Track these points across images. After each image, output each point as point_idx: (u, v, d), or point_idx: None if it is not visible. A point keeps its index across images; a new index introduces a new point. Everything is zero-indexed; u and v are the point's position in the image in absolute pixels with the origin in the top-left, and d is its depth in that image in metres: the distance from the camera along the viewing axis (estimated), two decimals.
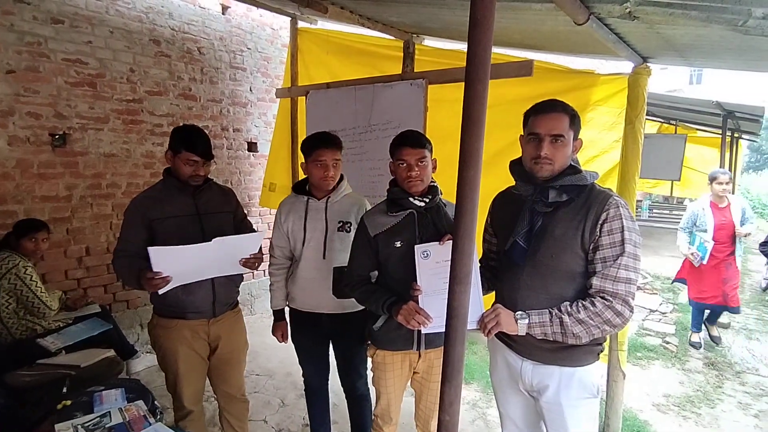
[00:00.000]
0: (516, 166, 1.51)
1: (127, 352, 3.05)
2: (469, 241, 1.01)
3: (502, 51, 2.68)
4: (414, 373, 1.83)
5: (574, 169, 1.40)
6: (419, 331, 1.60)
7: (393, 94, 2.88)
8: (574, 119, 1.40)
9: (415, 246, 1.54)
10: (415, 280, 1.51)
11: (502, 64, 2.36)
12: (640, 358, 3.69)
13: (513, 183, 1.54)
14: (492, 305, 1.44)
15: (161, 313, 1.90)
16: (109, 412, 1.74)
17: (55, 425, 1.67)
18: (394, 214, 1.70)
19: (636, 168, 2.21)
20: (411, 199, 1.67)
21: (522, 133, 1.48)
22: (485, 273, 1.61)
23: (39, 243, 2.68)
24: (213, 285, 1.88)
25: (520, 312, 1.38)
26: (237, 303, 2.09)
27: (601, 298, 1.32)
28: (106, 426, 1.67)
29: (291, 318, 2.13)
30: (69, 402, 1.81)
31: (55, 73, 3.07)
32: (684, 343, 3.98)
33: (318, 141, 1.91)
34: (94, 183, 3.33)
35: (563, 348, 1.39)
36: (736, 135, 8.58)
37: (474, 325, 1.39)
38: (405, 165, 1.65)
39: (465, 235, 1.01)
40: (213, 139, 3.97)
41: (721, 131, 7.17)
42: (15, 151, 2.95)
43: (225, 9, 4.03)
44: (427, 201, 1.68)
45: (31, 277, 2.56)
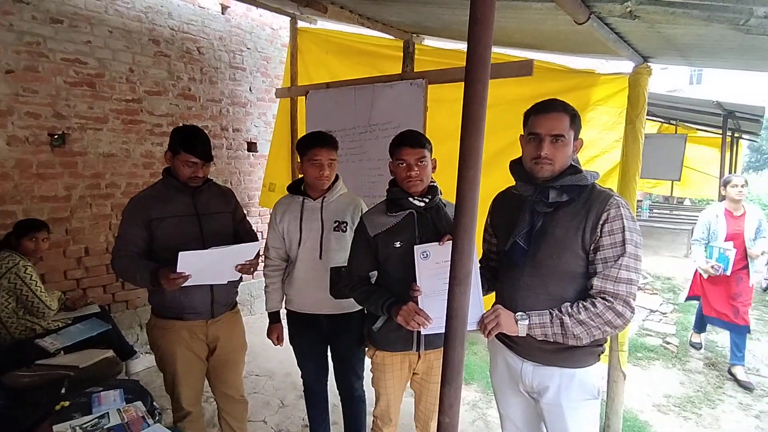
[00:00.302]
0: (516, 166, 1.50)
1: (126, 352, 3.05)
2: (468, 241, 1.01)
3: (502, 51, 2.68)
4: (413, 374, 1.82)
5: (574, 169, 1.39)
6: (419, 332, 1.59)
7: (393, 93, 2.87)
8: (575, 119, 1.39)
9: (415, 246, 1.53)
10: (415, 281, 1.51)
11: (503, 63, 2.36)
12: (640, 359, 3.68)
13: (513, 183, 1.53)
14: (492, 306, 1.43)
15: (159, 313, 1.89)
16: (107, 413, 1.74)
17: (54, 426, 1.67)
18: (394, 214, 1.70)
19: (636, 168, 2.20)
20: (411, 199, 1.67)
21: (522, 133, 1.48)
22: (485, 273, 1.60)
23: (39, 243, 2.68)
24: (211, 286, 1.87)
25: (520, 313, 1.37)
26: (236, 304, 2.08)
27: (602, 298, 1.31)
28: (105, 427, 1.67)
29: (288, 320, 2.11)
30: (67, 403, 1.81)
31: (54, 73, 3.06)
32: (684, 344, 3.97)
33: (313, 140, 1.90)
34: (93, 183, 3.32)
35: (564, 349, 1.38)
36: (736, 135, 8.58)
37: (474, 326, 1.38)
38: (404, 165, 1.64)
39: (465, 236, 1.00)
40: (212, 139, 3.96)
41: (721, 131, 7.18)
42: (14, 151, 2.94)
43: (224, 9, 4.02)
44: (426, 201, 1.68)
45: (31, 276, 2.56)
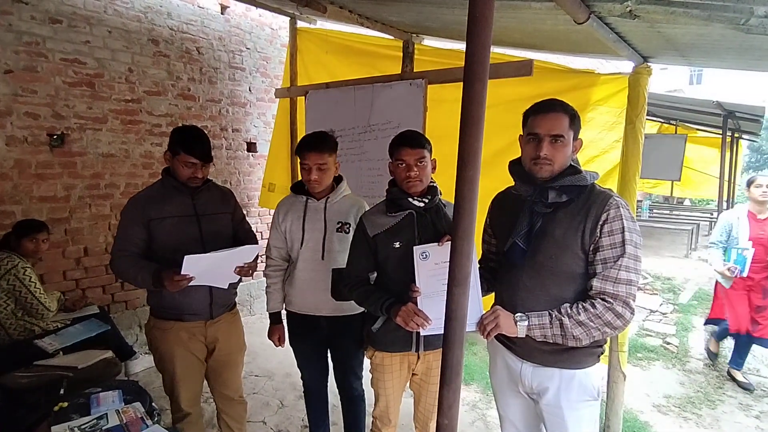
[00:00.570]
0: (515, 167, 1.49)
1: (125, 353, 3.04)
2: (467, 242, 1.00)
3: (501, 51, 2.68)
4: (413, 374, 1.82)
5: (574, 170, 1.39)
6: (418, 332, 1.58)
7: (392, 94, 2.86)
8: (574, 119, 1.38)
9: (414, 247, 1.52)
10: (414, 282, 1.50)
11: (502, 63, 2.35)
12: (640, 359, 3.68)
13: (513, 183, 1.53)
14: (491, 307, 1.42)
15: (158, 314, 1.88)
16: (106, 414, 1.74)
17: (52, 427, 1.66)
18: (393, 215, 1.69)
19: (636, 168, 2.19)
20: (410, 199, 1.66)
21: (521, 133, 1.47)
22: (485, 274, 1.59)
23: (39, 243, 2.67)
24: (210, 287, 1.86)
25: (519, 314, 1.36)
26: (235, 304, 2.08)
27: (602, 299, 1.31)
28: (103, 428, 1.66)
29: (288, 321, 2.10)
30: (66, 404, 1.81)
31: (53, 73, 3.06)
32: (684, 344, 3.96)
33: (302, 144, 1.89)
34: (93, 183, 3.32)
35: (563, 350, 1.38)
36: (736, 135, 8.58)
37: (473, 327, 1.38)
38: (404, 165, 1.64)
39: (464, 236, 1.00)
40: (212, 140, 3.94)
41: (721, 131, 7.17)
42: (13, 152, 2.94)
43: (224, 9, 4.02)
44: (426, 201, 1.67)
45: (30, 278, 2.55)
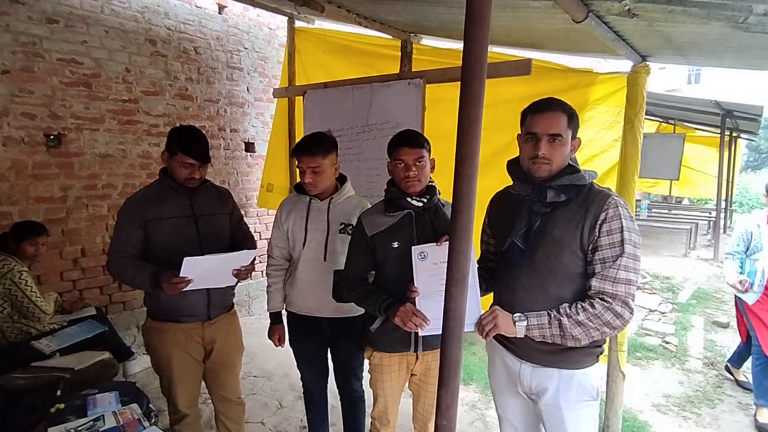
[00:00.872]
0: (514, 166, 1.49)
1: (123, 353, 3.03)
2: (465, 241, 0.99)
3: (500, 50, 2.67)
4: (411, 375, 1.81)
5: (572, 169, 1.38)
6: (416, 333, 1.58)
7: (391, 93, 2.86)
8: (572, 118, 1.38)
9: (413, 247, 1.52)
10: (413, 282, 1.49)
11: (500, 62, 2.35)
12: (639, 358, 3.67)
13: (512, 183, 1.52)
14: (490, 307, 1.42)
15: (155, 316, 1.87)
16: (102, 415, 1.73)
17: (49, 429, 1.66)
18: (392, 214, 1.68)
19: (635, 167, 2.19)
20: (409, 199, 1.65)
21: (520, 133, 1.47)
22: (483, 274, 1.59)
23: (39, 247, 2.67)
24: (208, 288, 1.85)
25: (518, 314, 1.36)
26: (232, 305, 2.06)
27: (601, 299, 1.30)
28: (100, 430, 1.66)
29: (288, 322, 2.08)
30: (62, 405, 1.80)
31: (50, 73, 3.04)
32: (683, 343, 3.96)
33: (297, 147, 1.87)
34: (90, 184, 3.31)
35: (562, 350, 1.37)
36: (734, 134, 8.61)
37: (472, 327, 1.37)
38: (403, 165, 1.63)
39: (461, 236, 0.99)
40: (210, 140, 3.93)
41: (719, 130, 7.18)
42: (9, 152, 2.92)
43: (221, 8, 4.00)
44: (425, 201, 1.66)
45: (26, 282, 2.53)
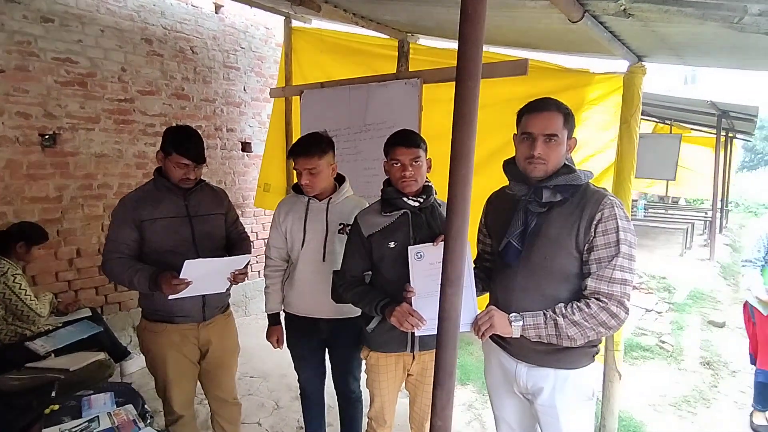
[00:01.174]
0: (510, 166, 1.49)
1: (119, 353, 3.02)
2: (460, 241, 0.99)
3: (496, 50, 2.67)
4: (408, 375, 1.81)
5: (568, 169, 1.38)
6: (413, 333, 1.57)
7: (387, 93, 2.85)
8: (568, 118, 1.38)
9: (409, 247, 1.52)
10: (409, 282, 1.49)
11: (497, 63, 2.35)
12: (636, 358, 3.68)
13: (508, 183, 1.52)
14: (486, 307, 1.41)
15: (150, 317, 1.86)
16: (97, 416, 1.72)
17: (43, 430, 1.65)
18: (388, 214, 1.68)
19: (631, 167, 2.19)
20: (405, 199, 1.65)
21: (516, 132, 1.47)
22: (479, 274, 1.59)
23: (35, 251, 2.71)
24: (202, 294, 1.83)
25: (514, 314, 1.36)
26: (228, 306, 2.05)
27: (596, 299, 1.30)
28: (95, 431, 1.65)
29: (287, 323, 2.07)
30: (57, 406, 1.79)
31: (45, 73, 3.03)
32: (679, 343, 3.97)
33: (292, 149, 1.86)
34: (85, 184, 3.29)
35: (558, 350, 1.37)
36: (730, 135, 8.64)
37: (468, 327, 1.37)
38: (399, 165, 1.63)
39: (457, 236, 0.99)
40: (206, 139, 3.94)
41: (715, 131, 7.21)
42: (4, 152, 2.91)
43: (218, 8, 3.99)
44: (421, 201, 1.66)
45: (21, 285, 2.52)
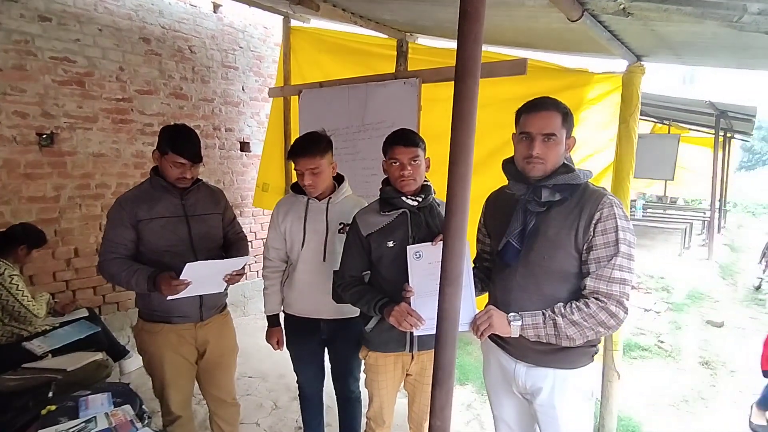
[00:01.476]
0: (508, 166, 1.48)
1: (118, 352, 3.02)
2: (459, 240, 0.99)
3: (495, 49, 2.67)
4: (407, 375, 1.80)
5: (567, 168, 1.38)
6: (412, 332, 1.57)
7: (386, 93, 2.85)
8: (567, 117, 1.37)
9: (408, 246, 1.51)
10: (408, 281, 1.49)
11: (496, 62, 2.34)
12: (634, 358, 3.68)
13: (507, 182, 1.52)
14: (485, 307, 1.41)
15: (146, 317, 1.85)
16: (94, 417, 1.71)
17: (40, 431, 1.63)
18: (387, 214, 1.67)
19: (630, 167, 2.19)
20: (404, 198, 1.64)
21: (514, 132, 1.46)
22: (479, 274, 1.58)
23: (33, 254, 2.70)
24: (199, 295, 1.82)
25: (513, 314, 1.35)
26: (225, 306, 2.04)
27: (595, 299, 1.30)
28: (92, 431, 1.64)
29: (286, 324, 2.06)
30: (54, 407, 1.78)
31: (43, 72, 3.02)
32: (678, 343, 3.97)
33: (293, 149, 1.85)
34: (83, 183, 3.28)
35: (557, 350, 1.37)
36: (728, 135, 8.65)
37: (466, 327, 1.37)
38: (398, 164, 1.62)
39: (455, 235, 0.98)
40: (205, 139, 3.93)
41: (713, 131, 7.22)
42: (1, 151, 2.90)
43: (216, 7, 3.99)
44: (420, 200, 1.65)
45: (17, 286, 2.51)
